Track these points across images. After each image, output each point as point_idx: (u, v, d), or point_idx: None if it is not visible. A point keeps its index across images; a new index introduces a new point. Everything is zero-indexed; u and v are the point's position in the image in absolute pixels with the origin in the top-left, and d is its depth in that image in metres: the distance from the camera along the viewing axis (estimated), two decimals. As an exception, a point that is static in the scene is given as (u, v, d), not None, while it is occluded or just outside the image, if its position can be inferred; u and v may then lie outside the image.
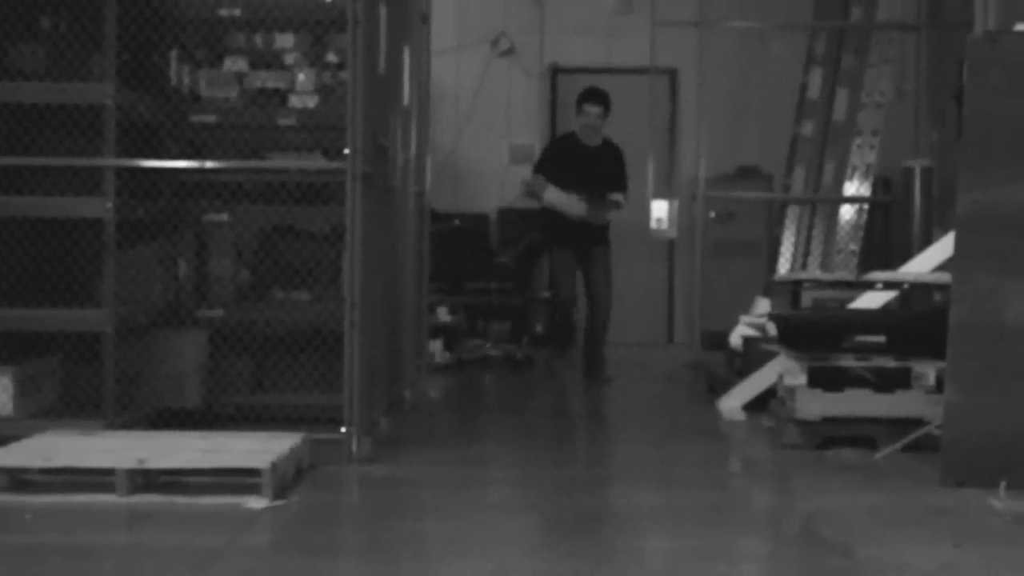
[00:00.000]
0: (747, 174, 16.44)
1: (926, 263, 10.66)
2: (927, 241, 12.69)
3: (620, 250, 14.09)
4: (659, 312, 17.41)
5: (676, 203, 14.94)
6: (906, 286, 10.45)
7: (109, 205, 8.73)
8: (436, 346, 14.23)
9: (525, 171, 15.19)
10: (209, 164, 9.08)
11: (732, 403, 11.12)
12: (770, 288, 12.92)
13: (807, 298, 11.14)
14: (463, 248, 16.24)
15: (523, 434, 10.14)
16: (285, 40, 10.09)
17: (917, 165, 13.58)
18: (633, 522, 7.06)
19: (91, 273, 9.14)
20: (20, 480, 7.34)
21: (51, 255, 9.17)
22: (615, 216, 13.32)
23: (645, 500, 7.57)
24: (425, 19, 12.92)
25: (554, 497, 7.68)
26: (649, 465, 8.95)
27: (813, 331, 9.58)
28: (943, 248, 10.43)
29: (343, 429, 8.46)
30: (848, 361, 9.35)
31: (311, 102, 9.78)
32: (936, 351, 8.55)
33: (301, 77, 9.86)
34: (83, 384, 9.11)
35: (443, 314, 14.79)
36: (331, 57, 9.96)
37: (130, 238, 9.21)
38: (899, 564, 5.92)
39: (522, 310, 15.99)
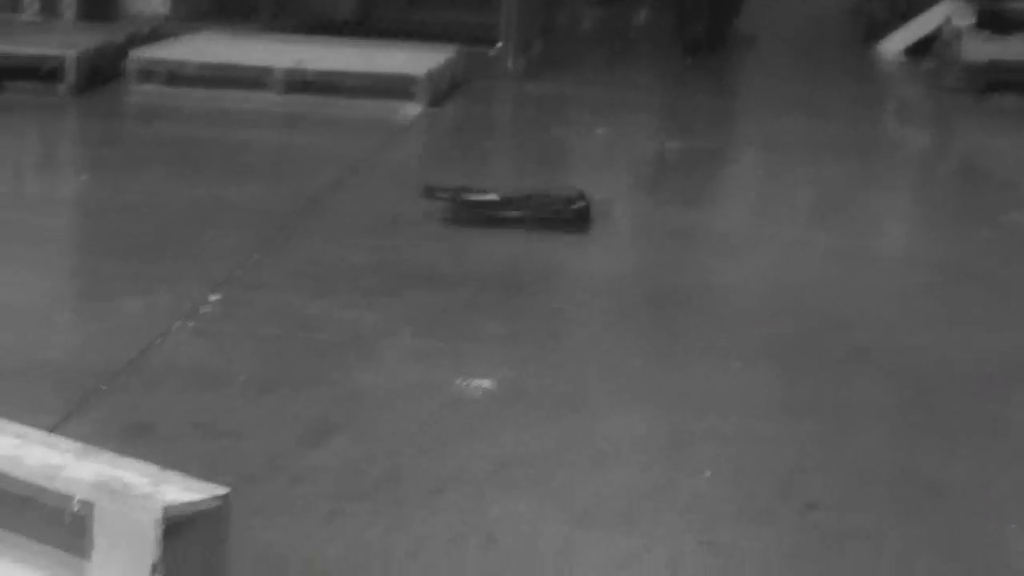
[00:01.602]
0: None
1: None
2: None
3: None
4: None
5: None
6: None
7: None
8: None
9: None
10: None
11: (893, 46, 10.81)
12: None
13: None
14: None
15: (674, 66, 9.99)
16: None
17: None
18: (783, 149, 6.97)
19: None
20: (178, 75, 7.38)
21: None
22: None
23: (796, 128, 7.44)
24: None
25: (698, 127, 7.60)
26: (801, 100, 8.79)
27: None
28: None
29: (498, 45, 8.39)
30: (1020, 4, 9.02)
31: None
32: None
33: None
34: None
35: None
36: None
37: None
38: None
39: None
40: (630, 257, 4.97)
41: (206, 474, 2.22)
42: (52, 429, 2.79)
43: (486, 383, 3.49)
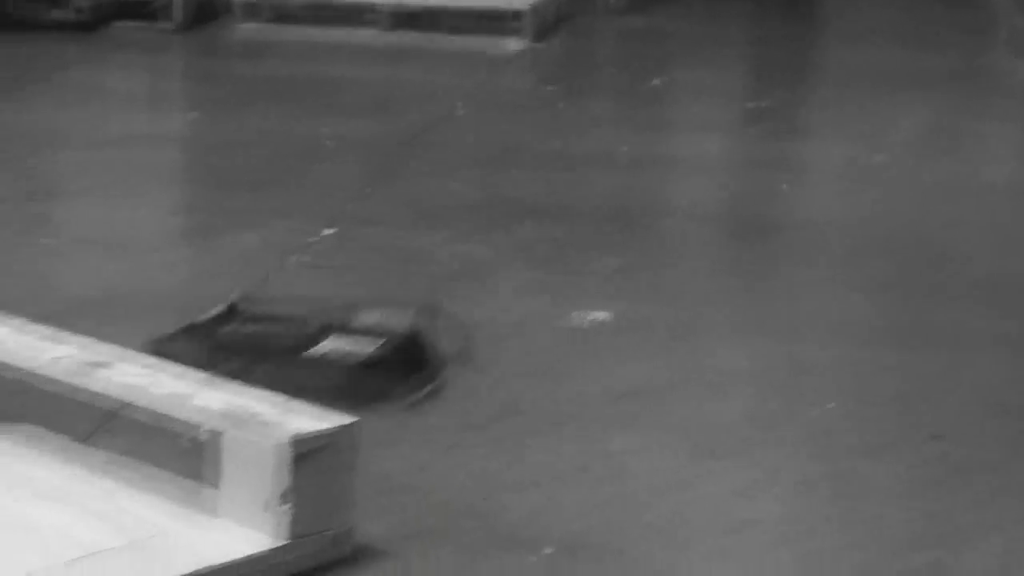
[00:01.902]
0: None
1: None
2: None
3: None
4: None
5: None
6: None
7: None
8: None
9: None
10: None
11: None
12: None
13: None
14: None
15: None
16: None
17: None
18: (888, 81, 6.86)
19: None
20: (282, 13, 7.39)
21: None
22: None
23: (896, 59, 7.32)
24: None
25: (798, 60, 7.51)
26: (903, 28, 8.64)
27: None
28: None
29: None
30: None
31: None
32: None
33: None
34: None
35: None
36: None
37: None
38: None
39: None
40: (738, 188, 4.93)
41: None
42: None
43: (601, 315, 3.47)
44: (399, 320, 2.61)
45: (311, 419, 2.08)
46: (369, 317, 2.59)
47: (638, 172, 4.91)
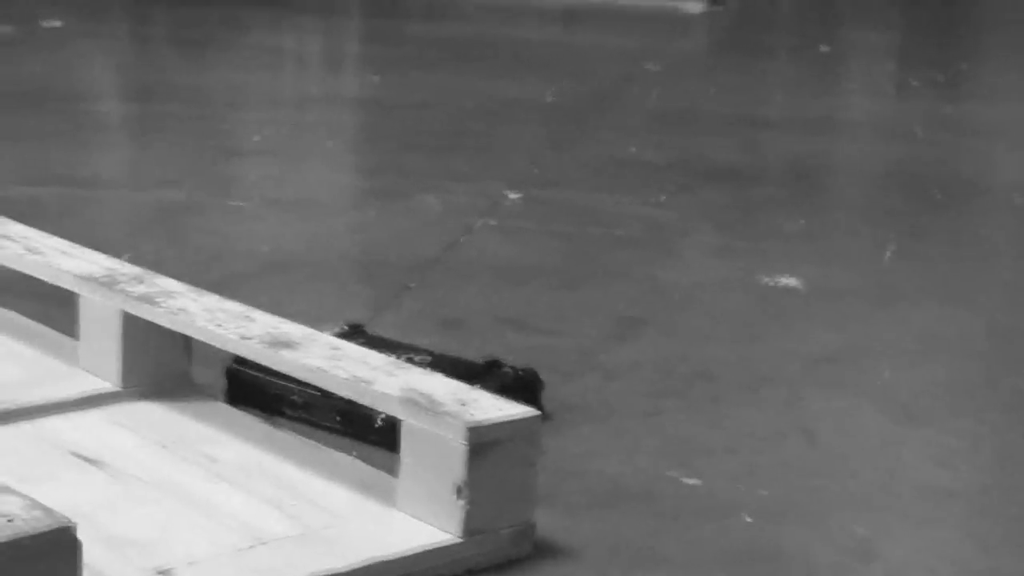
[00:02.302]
0: None
1: None
2: None
3: None
4: None
5: None
6: None
7: None
8: None
9: None
10: None
11: None
12: None
13: None
14: None
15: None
16: None
17: None
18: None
19: None
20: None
21: None
22: None
23: None
24: None
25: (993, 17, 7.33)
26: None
27: None
28: None
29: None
30: None
31: None
32: None
33: None
34: None
35: None
36: None
37: None
38: None
39: None
40: (925, 152, 4.83)
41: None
42: (369, 323, 2.83)
43: (791, 280, 3.42)
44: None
45: (492, 409, 1.99)
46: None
47: (821, 135, 4.83)
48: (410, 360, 2.29)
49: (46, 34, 6.59)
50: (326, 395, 2.25)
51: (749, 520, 2.23)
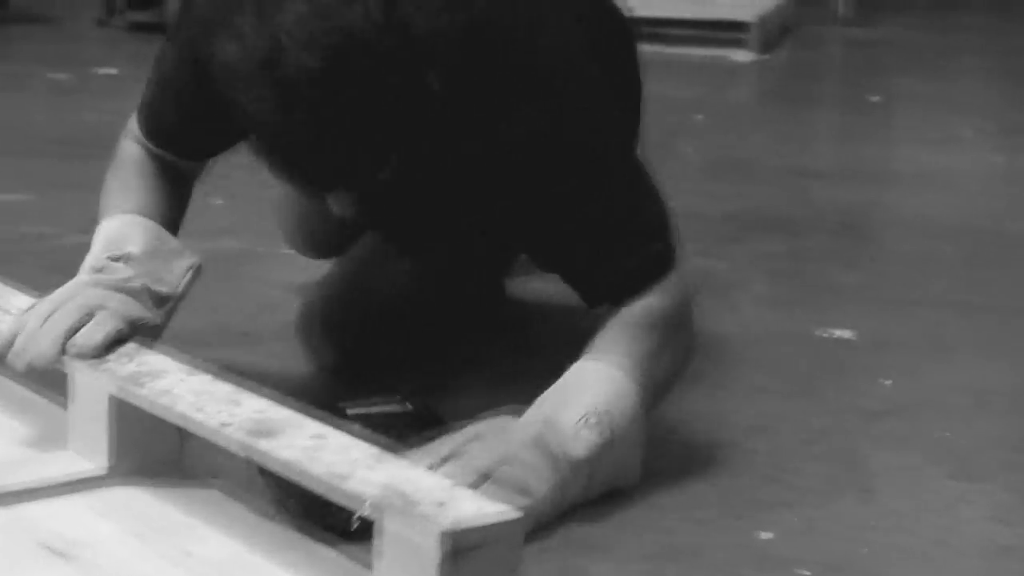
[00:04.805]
0: None
1: None
2: None
3: None
4: None
5: None
6: None
7: None
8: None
9: None
10: None
11: None
12: None
13: None
14: None
15: (1017, 9, 9.65)
16: None
17: None
18: None
19: None
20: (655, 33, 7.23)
21: None
22: None
23: None
24: None
25: None
26: None
27: None
28: None
29: (828, -12, 8.24)
30: None
31: None
32: None
33: None
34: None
35: None
36: None
37: None
38: None
39: None
40: (981, 205, 4.83)
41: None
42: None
43: (845, 332, 3.42)
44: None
45: (472, 511, 1.82)
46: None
47: (873, 185, 4.83)
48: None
49: (102, 81, 6.66)
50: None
51: (807, 574, 2.23)
